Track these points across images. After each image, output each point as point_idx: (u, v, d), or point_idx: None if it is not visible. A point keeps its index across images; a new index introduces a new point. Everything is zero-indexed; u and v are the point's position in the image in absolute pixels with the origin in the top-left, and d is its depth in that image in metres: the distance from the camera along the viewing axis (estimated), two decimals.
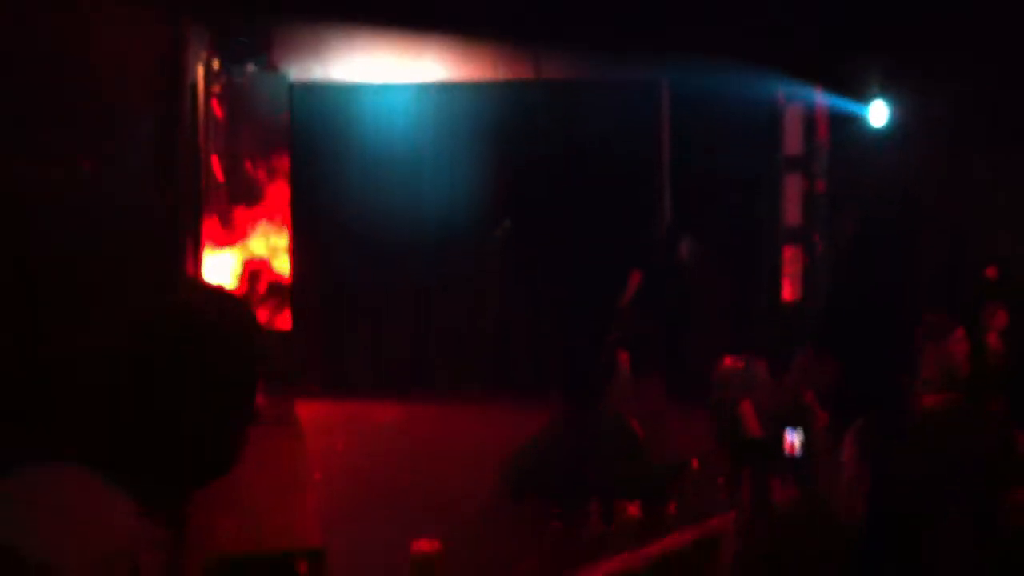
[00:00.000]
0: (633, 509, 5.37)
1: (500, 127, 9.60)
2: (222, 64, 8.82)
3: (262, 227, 9.27)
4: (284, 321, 9.22)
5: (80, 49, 6.01)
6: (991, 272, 5.57)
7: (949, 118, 8.39)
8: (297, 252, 9.31)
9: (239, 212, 9.21)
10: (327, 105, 9.53)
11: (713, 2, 8.31)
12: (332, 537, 4.93)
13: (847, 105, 9.07)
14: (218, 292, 1.51)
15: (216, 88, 8.90)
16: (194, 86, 8.89)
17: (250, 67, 8.92)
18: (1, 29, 5.42)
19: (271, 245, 9.33)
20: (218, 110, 9.04)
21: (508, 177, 9.72)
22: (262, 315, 9.15)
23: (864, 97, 9.01)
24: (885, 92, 8.90)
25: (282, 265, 9.30)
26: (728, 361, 6.26)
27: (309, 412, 7.90)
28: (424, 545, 4.14)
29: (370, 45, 9.00)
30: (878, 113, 8.99)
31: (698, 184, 9.65)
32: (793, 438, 4.66)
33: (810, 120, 9.53)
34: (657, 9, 8.21)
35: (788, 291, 9.72)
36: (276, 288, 9.33)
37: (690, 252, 8.96)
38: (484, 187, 9.61)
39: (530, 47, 8.97)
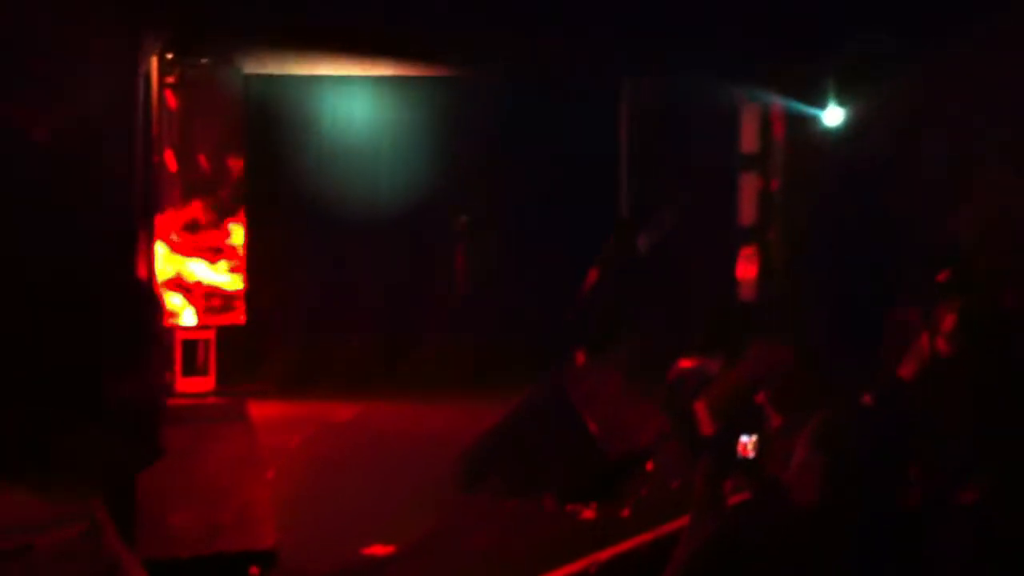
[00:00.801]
0: (588, 512, 5.38)
1: (456, 121, 9.56)
2: (176, 56, 8.70)
3: (215, 221, 9.15)
4: (238, 317, 9.11)
5: (33, 36, 5.91)
6: (942, 277, 5.62)
7: (901, 118, 8.43)
8: (251, 246, 9.20)
9: (192, 204, 9.08)
10: (281, 97, 9.43)
11: (675, 5, 8.29)
12: (284, 537, 4.88)
13: (802, 107, 9.13)
14: (123, 274, 1.52)
15: (170, 79, 8.77)
16: (147, 77, 8.76)
17: (204, 60, 8.81)
18: None
19: (225, 239, 9.21)
20: (172, 101, 8.91)
21: (465, 171, 9.67)
22: (214, 312, 9.04)
23: (819, 98, 9.05)
24: (840, 94, 8.94)
25: (236, 261, 9.19)
26: (682, 362, 6.29)
27: (263, 411, 7.81)
28: (377, 549, 4.13)
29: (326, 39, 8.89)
30: (833, 114, 9.04)
31: (655, 183, 9.67)
32: (746, 440, 4.67)
33: (766, 119, 9.59)
34: (620, 13, 8.17)
35: (744, 290, 9.76)
36: (229, 283, 9.22)
37: (647, 247, 8.96)
38: (440, 181, 9.56)
39: (490, 43, 8.90)
